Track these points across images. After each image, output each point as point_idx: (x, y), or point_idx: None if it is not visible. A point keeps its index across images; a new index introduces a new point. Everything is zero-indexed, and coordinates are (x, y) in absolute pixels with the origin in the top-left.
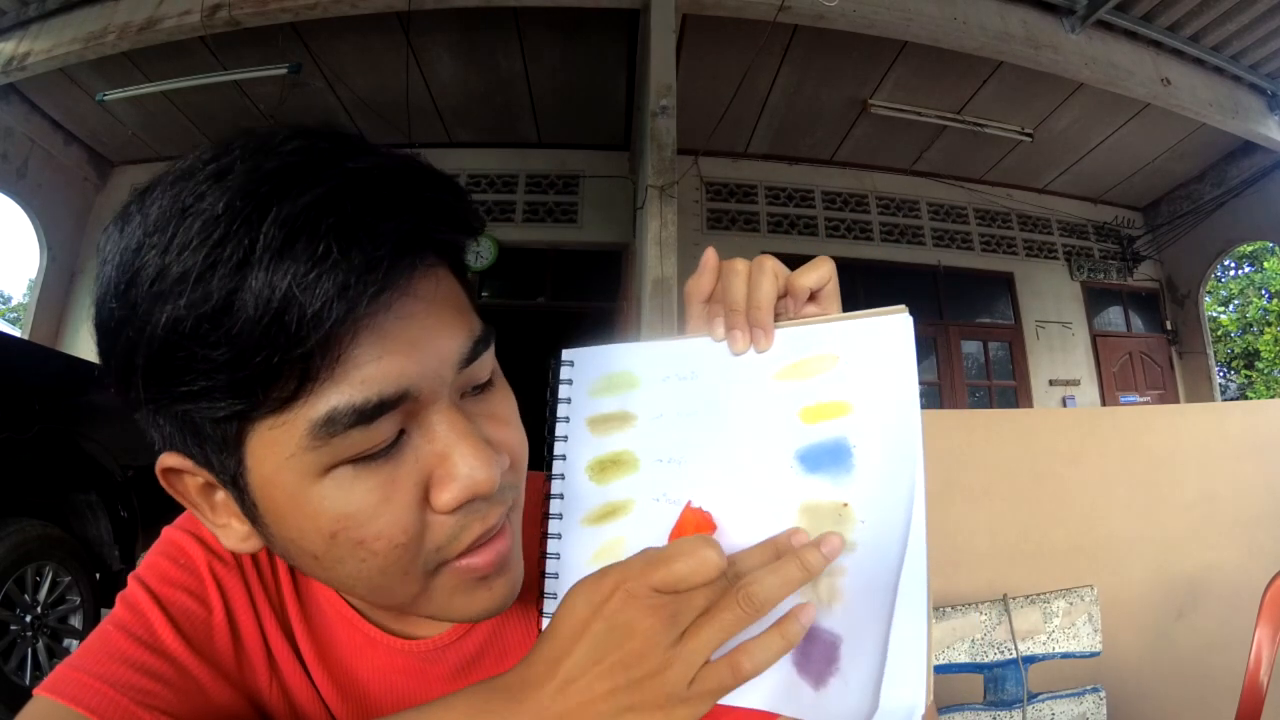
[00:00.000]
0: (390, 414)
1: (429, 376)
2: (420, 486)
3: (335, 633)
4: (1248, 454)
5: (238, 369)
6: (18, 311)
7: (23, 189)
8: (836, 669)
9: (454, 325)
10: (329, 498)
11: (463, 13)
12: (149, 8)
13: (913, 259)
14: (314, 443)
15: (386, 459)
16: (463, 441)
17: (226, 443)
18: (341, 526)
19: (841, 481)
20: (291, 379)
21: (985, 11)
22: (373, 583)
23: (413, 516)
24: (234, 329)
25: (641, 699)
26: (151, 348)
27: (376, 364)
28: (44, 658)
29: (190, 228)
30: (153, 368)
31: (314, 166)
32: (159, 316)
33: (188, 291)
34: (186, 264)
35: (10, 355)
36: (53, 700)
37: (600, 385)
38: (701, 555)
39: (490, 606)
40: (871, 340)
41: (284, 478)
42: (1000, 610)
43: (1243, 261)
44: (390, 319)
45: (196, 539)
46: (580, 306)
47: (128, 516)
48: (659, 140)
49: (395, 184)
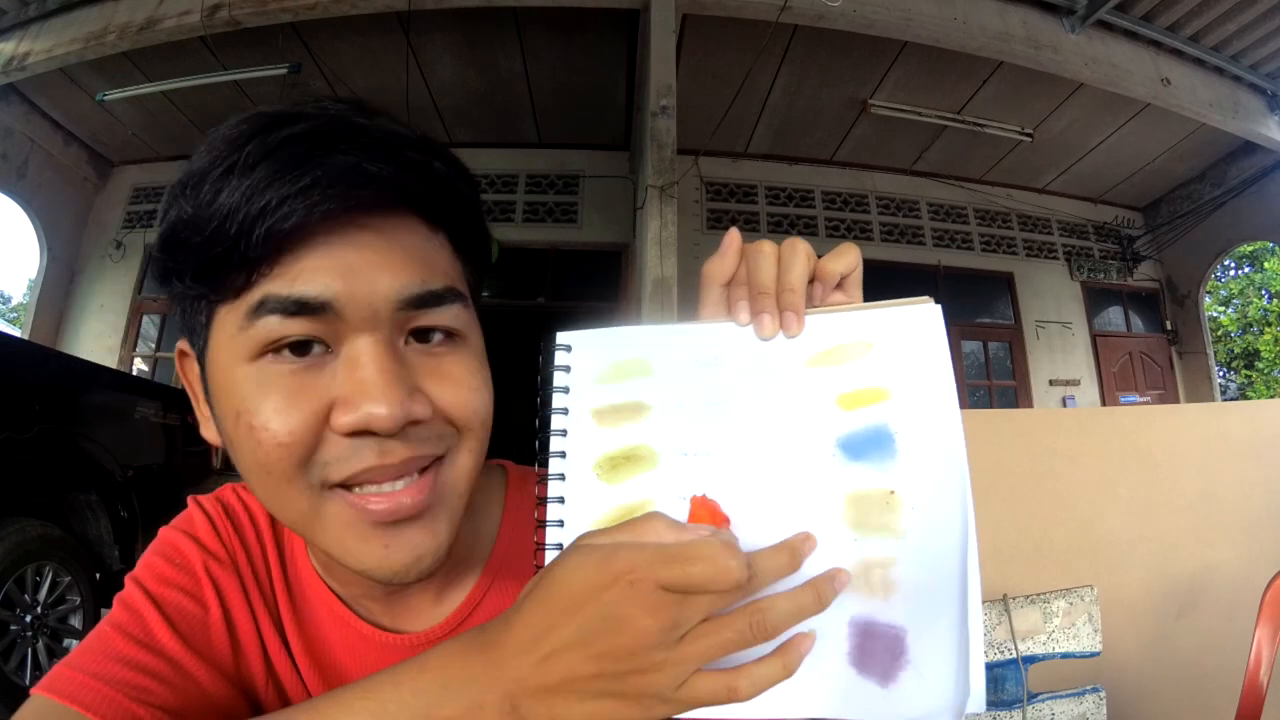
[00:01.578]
0: (310, 318)
1: (358, 302)
2: (325, 402)
3: (327, 631)
4: (1248, 454)
5: (203, 255)
6: (18, 311)
7: (23, 189)
8: (906, 661)
9: (402, 267)
10: (246, 380)
11: (463, 13)
12: (149, 8)
13: (913, 259)
14: (245, 324)
15: (306, 368)
16: (374, 372)
17: (199, 326)
18: (244, 409)
19: (886, 468)
20: (241, 271)
21: (985, 11)
22: (263, 483)
23: (305, 425)
24: (206, 222)
25: (623, 690)
26: (163, 235)
27: (310, 273)
28: (44, 658)
29: (209, 145)
30: (161, 251)
31: (314, 114)
32: (173, 210)
33: (191, 189)
34: (197, 169)
35: (10, 355)
36: (49, 699)
37: (608, 372)
38: (723, 564)
39: (385, 564)
40: (905, 328)
41: (223, 356)
42: (1000, 610)
43: (1243, 261)
44: (336, 240)
45: (192, 539)
46: (580, 306)
47: (128, 516)
48: (659, 140)
49: (378, 136)
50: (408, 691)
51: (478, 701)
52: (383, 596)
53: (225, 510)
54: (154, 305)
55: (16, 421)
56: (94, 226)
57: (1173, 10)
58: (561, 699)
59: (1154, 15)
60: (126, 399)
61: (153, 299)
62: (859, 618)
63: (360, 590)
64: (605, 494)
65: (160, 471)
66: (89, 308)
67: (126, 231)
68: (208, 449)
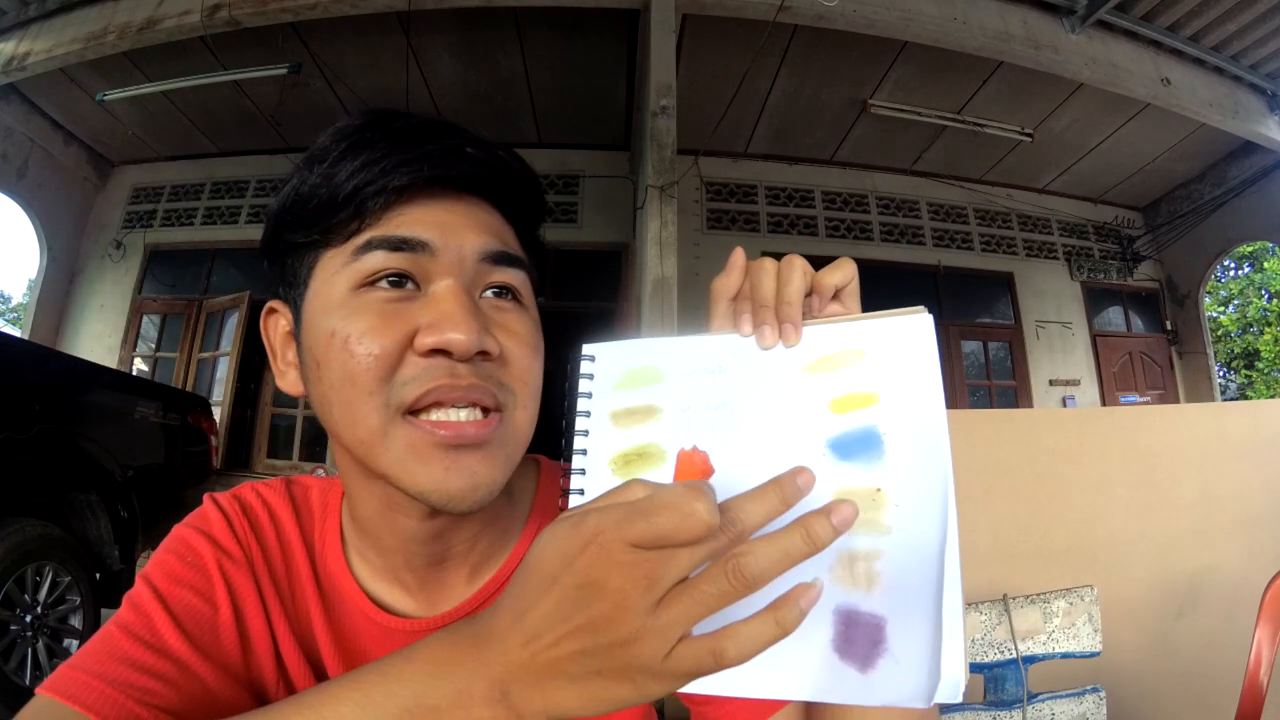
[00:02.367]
0: (407, 253)
1: (448, 247)
2: (410, 328)
3: (357, 627)
4: (1248, 454)
5: (325, 208)
6: (18, 311)
7: (23, 189)
8: (885, 649)
9: (485, 230)
10: (345, 305)
11: (463, 13)
12: (149, 8)
13: (913, 259)
14: (352, 259)
15: (398, 298)
16: (454, 304)
17: (301, 276)
18: (340, 327)
19: (874, 468)
20: (354, 220)
21: (985, 11)
22: (345, 396)
23: (393, 342)
24: (331, 188)
25: (610, 665)
26: (281, 203)
27: (411, 221)
28: (44, 658)
29: (331, 133)
30: (284, 212)
31: (415, 116)
32: (293, 182)
33: (316, 164)
34: (319, 149)
35: (10, 355)
36: (53, 699)
37: (624, 379)
38: (688, 509)
39: (444, 485)
40: (896, 337)
41: (326, 290)
42: (1000, 610)
43: (1243, 261)
44: (435, 204)
45: (206, 536)
46: (580, 306)
47: (128, 516)
48: (659, 140)
49: (475, 135)
50: (394, 681)
51: (465, 689)
52: (421, 566)
53: (243, 509)
54: (154, 305)
55: (16, 421)
56: (94, 226)
57: (1173, 10)
58: (551, 682)
59: (1154, 15)
60: (126, 399)
61: (153, 299)
62: (843, 607)
63: (401, 561)
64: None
65: (160, 471)
66: (89, 308)
67: (126, 231)
68: (207, 449)
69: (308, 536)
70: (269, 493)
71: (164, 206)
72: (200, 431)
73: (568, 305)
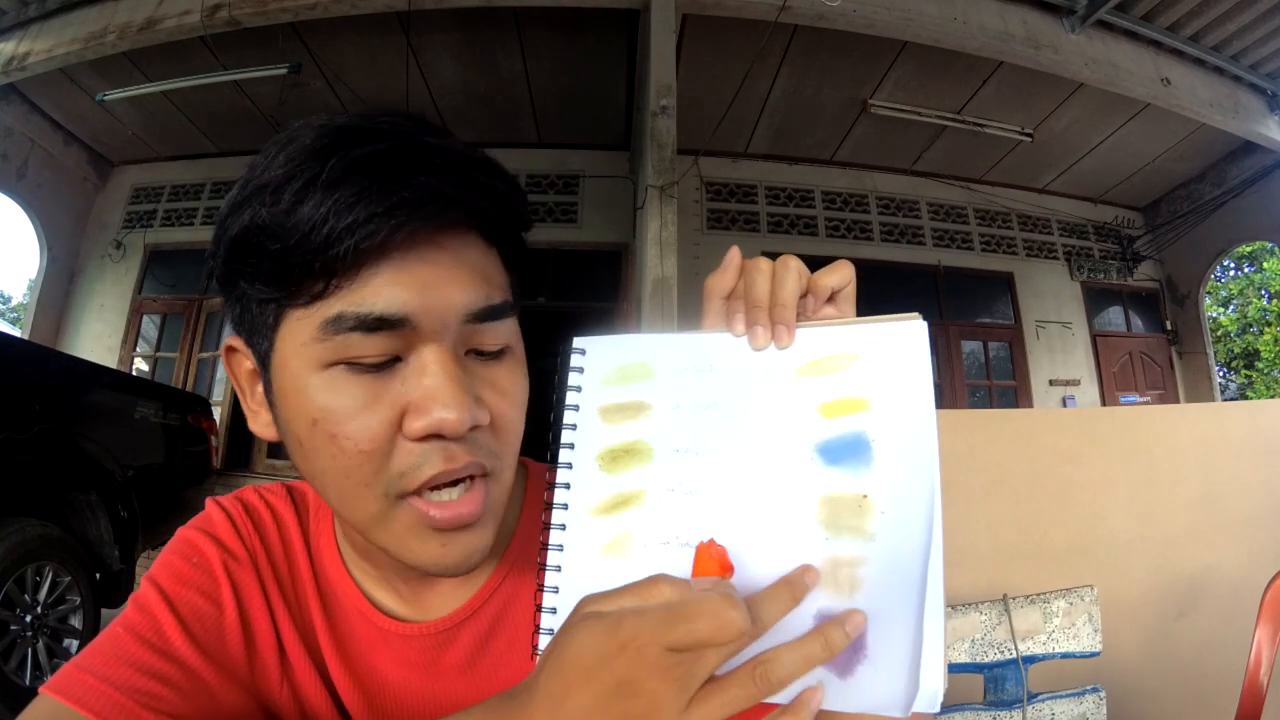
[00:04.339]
0: (387, 333)
1: (431, 314)
2: (398, 409)
3: (355, 629)
4: (1248, 454)
5: (282, 262)
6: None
7: (23, 189)
8: (864, 656)
9: (470, 283)
10: (321, 389)
11: (463, 13)
12: (149, 8)
13: (913, 259)
14: (322, 336)
15: (377, 375)
16: (443, 379)
17: (264, 327)
18: (322, 417)
19: (861, 474)
20: (319, 280)
21: (985, 11)
22: (340, 486)
23: (383, 431)
24: (289, 231)
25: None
26: (233, 236)
27: (389, 288)
28: (44, 658)
29: (287, 154)
30: (230, 253)
31: (388, 131)
32: (246, 213)
33: (267, 197)
34: (274, 177)
35: (10, 355)
36: (57, 700)
37: (614, 375)
38: (726, 618)
39: (442, 561)
40: (889, 343)
41: (294, 363)
42: (1000, 610)
43: (1243, 261)
44: (412, 258)
45: (211, 538)
46: (580, 306)
47: (128, 516)
48: (659, 140)
49: (451, 158)
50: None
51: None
52: (414, 578)
53: (246, 510)
54: (154, 305)
55: (16, 421)
56: (94, 226)
57: (1173, 10)
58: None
59: (1154, 15)
60: (126, 399)
61: (153, 299)
62: (825, 612)
63: (394, 571)
64: (605, 483)
65: (160, 471)
66: (89, 308)
67: (126, 231)
68: (207, 449)
69: (307, 534)
70: (270, 495)
71: (164, 206)
72: (200, 431)
73: (567, 305)
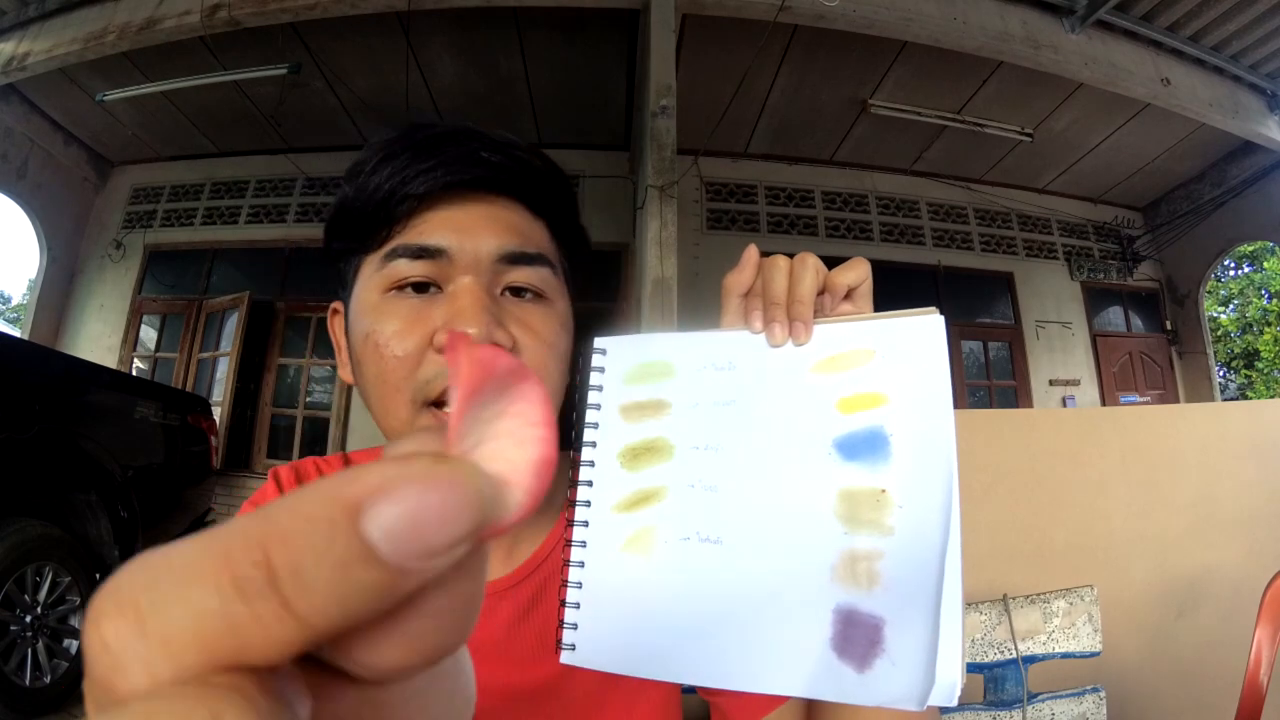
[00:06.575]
0: (429, 260)
1: (465, 251)
2: (432, 327)
3: None
4: (1248, 454)
5: (360, 220)
6: (18, 311)
7: (23, 189)
8: (882, 650)
9: (504, 231)
10: (378, 309)
11: (463, 13)
12: (149, 8)
13: (913, 259)
14: (380, 265)
15: (422, 299)
16: (468, 303)
17: (348, 278)
18: (373, 329)
19: (879, 469)
20: (383, 227)
21: (985, 11)
22: (380, 392)
23: (415, 343)
24: (365, 198)
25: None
26: (331, 214)
27: (431, 227)
28: (44, 658)
29: (370, 148)
30: (331, 222)
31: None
32: (341, 193)
33: (353, 177)
34: (358, 162)
35: (10, 355)
36: None
37: (635, 373)
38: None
39: None
40: (906, 338)
41: (363, 294)
42: (1000, 610)
43: (1243, 261)
44: (454, 207)
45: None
46: (580, 306)
47: (128, 516)
48: (659, 140)
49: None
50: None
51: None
52: None
53: (299, 480)
54: (154, 305)
55: (16, 421)
56: (94, 226)
57: (1173, 10)
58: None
59: (1154, 15)
60: (126, 399)
61: (153, 299)
62: (843, 606)
63: None
64: (626, 480)
65: (160, 471)
66: (89, 308)
67: (126, 231)
68: (207, 449)
69: None
70: (326, 465)
71: (164, 207)
72: (200, 431)
73: None
